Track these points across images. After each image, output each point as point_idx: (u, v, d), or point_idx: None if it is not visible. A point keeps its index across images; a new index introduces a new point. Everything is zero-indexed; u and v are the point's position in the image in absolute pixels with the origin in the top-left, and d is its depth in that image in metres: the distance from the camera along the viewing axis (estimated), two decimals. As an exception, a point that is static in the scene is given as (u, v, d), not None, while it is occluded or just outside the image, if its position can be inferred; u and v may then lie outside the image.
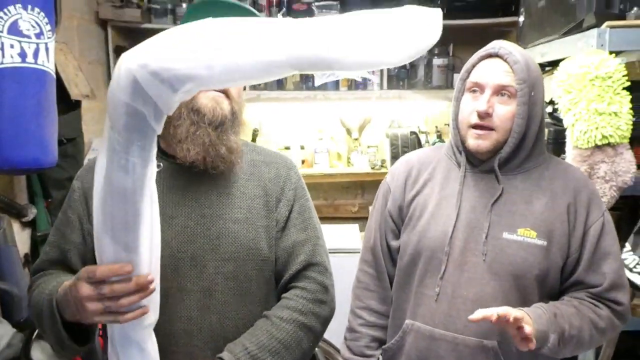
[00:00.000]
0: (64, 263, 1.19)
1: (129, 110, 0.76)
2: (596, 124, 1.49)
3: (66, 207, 1.23)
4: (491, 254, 1.24)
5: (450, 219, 1.28)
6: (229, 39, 0.73)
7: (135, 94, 0.73)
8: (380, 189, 1.47)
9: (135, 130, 0.79)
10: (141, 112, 0.76)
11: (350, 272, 1.53)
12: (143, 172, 0.84)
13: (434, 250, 1.29)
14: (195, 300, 1.15)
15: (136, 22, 2.93)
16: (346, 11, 2.51)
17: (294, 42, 0.70)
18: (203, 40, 0.72)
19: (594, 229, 1.25)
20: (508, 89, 1.24)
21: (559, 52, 1.78)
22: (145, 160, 0.83)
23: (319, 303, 1.21)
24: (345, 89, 3.19)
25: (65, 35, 2.57)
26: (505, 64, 1.25)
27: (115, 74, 0.78)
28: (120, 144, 0.80)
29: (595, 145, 1.51)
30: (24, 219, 2.26)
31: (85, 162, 1.28)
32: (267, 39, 0.71)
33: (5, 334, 1.79)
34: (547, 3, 1.90)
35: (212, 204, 1.18)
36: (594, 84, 1.48)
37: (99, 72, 3.00)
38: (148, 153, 0.84)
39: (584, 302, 1.24)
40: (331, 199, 3.60)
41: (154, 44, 0.74)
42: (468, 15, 3.02)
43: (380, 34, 0.69)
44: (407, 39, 0.70)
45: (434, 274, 1.29)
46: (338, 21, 0.71)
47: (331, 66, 0.71)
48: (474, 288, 1.25)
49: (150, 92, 0.73)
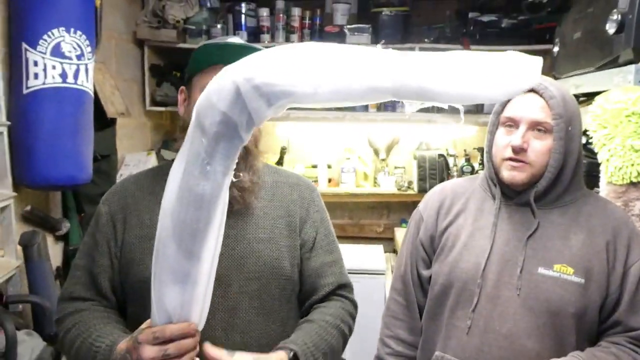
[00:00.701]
0: (94, 287, 1.20)
1: (224, 118, 0.80)
2: (632, 161, 1.46)
3: (94, 230, 1.23)
4: (526, 289, 1.22)
5: (484, 250, 1.27)
6: (339, 62, 0.77)
7: (235, 104, 0.78)
8: (413, 217, 1.47)
9: (224, 139, 0.82)
10: (234, 122, 0.80)
11: (372, 292, 1.53)
12: (223, 180, 0.86)
13: (466, 282, 1.27)
14: (219, 319, 1.16)
15: (172, 42, 3.00)
16: (378, 35, 2.54)
17: (401, 71, 0.75)
18: (310, 60, 0.76)
19: (635, 268, 1.21)
20: (544, 125, 1.23)
21: (594, 85, 1.76)
22: (226, 168, 0.86)
23: (352, 317, 1.30)
24: (374, 110, 3.20)
25: (104, 54, 2.65)
26: (541, 99, 1.23)
27: (215, 84, 0.82)
28: (207, 150, 0.83)
29: (630, 182, 1.48)
30: (57, 233, 2.32)
31: (113, 186, 1.29)
32: (376, 66, 0.75)
33: (37, 346, 1.83)
34: (583, 35, 1.88)
35: (236, 224, 1.19)
36: (630, 120, 1.46)
37: (134, 90, 3.08)
38: (230, 162, 0.87)
39: (624, 348, 1.20)
40: (356, 218, 3.60)
41: (259, 60, 0.78)
42: (500, 42, 2.99)
43: (483, 72, 0.74)
44: (507, 78, 0.75)
45: (466, 305, 1.27)
46: (442, 57, 0.77)
47: (434, 98, 0.75)
48: (508, 323, 1.22)
49: (249, 104, 0.77)
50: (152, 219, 1.17)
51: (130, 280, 1.18)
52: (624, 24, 1.54)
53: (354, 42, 3.07)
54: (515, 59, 0.77)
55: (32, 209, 2.12)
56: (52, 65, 1.94)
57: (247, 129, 0.83)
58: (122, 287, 1.21)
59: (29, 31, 1.91)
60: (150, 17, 2.99)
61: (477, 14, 3.02)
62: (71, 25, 1.96)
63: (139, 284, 1.15)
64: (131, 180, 1.28)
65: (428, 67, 0.74)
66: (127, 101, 2.77)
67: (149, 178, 1.26)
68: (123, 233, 1.20)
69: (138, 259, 1.17)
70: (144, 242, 1.17)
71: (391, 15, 3.04)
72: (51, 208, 2.33)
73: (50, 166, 1.98)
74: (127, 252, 1.19)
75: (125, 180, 1.29)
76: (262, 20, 3.14)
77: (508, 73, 0.75)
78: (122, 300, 1.22)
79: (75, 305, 1.19)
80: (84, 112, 2.06)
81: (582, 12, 1.92)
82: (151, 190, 1.22)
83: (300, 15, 3.12)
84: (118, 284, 1.20)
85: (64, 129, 1.99)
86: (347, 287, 1.32)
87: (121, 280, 1.20)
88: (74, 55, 1.99)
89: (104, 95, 2.47)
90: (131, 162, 2.90)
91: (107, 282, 1.20)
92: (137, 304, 1.17)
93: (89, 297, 1.19)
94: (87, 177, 2.13)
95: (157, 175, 1.26)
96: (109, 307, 1.21)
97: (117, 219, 1.21)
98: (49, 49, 1.93)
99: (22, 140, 1.95)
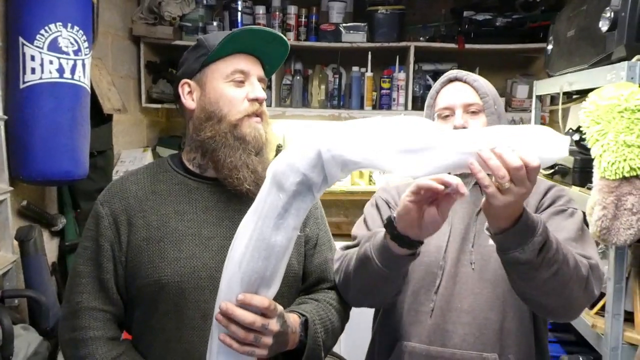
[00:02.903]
0: (103, 294, 1.16)
1: (304, 179, 0.91)
2: (624, 156, 1.48)
3: (95, 235, 1.17)
4: (479, 263, 1.25)
5: (444, 233, 1.27)
6: (400, 138, 0.89)
7: (315, 167, 0.90)
8: (372, 204, 1.43)
9: (300, 197, 0.92)
10: (312, 182, 0.91)
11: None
12: (293, 234, 0.96)
13: (429, 265, 1.28)
14: None
15: (168, 39, 3.00)
16: (373, 34, 2.55)
17: (461, 149, 0.89)
18: (376, 136, 0.89)
19: (551, 197, 1.29)
20: (475, 106, 1.31)
21: (587, 82, 1.78)
22: (297, 223, 0.95)
23: (348, 308, 1.30)
24: (369, 108, 3.22)
25: (100, 50, 2.65)
26: (466, 85, 1.33)
27: (299, 148, 0.92)
28: (285, 206, 0.92)
29: (622, 176, 1.50)
30: (53, 228, 2.32)
31: (110, 186, 1.24)
32: (447, 147, 0.89)
33: (33, 341, 1.83)
34: (576, 33, 1.90)
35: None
36: (623, 116, 1.48)
37: (130, 87, 3.08)
38: (301, 218, 0.95)
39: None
40: (352, 216, 3.61)
41: (341, 134, 0.91)
42: (495, 40, 3.03)
43: (522, 141, 0.89)
44: (543, 147, 0.89)
45: (430, 289, 1.27)
46: (490, 132, 0.92)
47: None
48: (468, 298, 1.24)
49: (327, 168, 0.90)
50: (159, 220, 1.15)
51: (139, 284, 1.14)
52: (617, 21, 1.56)
53: (350, 40, 3.10)
54: (547, 131, 0.90)
55: (28, 204, 2.12)
56: (49, 60, 1.94)
57: (320, 189, 0.93)
58: (127, 291, 1.17)
59: (26, 26, 1.91)
60: (146, 13, 2.99)
61: (471, 13, 3.05)
62: (68, 20, 1.97)
63: (147, 286, 1.13)
64: (130, 179, 1.22)
65: (482, 142, 0.89)
66: (123, 98, 2.77)
67: (149, 176, 1.22)
68: (128, 235, 1.15)
69: (146, 261, 1.13)
70: (151, 244, 1.14)
71: (386, 14, 3.06)
72: (47, 203, 2.33)
73: (47, 161, 1.98)
74: (133, 255, 1.14)
75: (124, 179, 1.23)
76: (258, 17, 3.16)
77: (543, 142, 0.90)
78: (126, 305, 1.19)
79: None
80: (80, 107, 2.06)
81: (575, 10, 1.94)
82: (153, 190, 1.19)
83: (297, 13, 3.13)
84: (123, 288, 1.17)
85: (60, 124, 1.99)
86: None
87: (127, 284, 1.16)
88: (71, 50, 1.99)
89: (100, 91, 2.47)
90: (127, 158, 2.91)
91: (113, 286, 1.16)
92: (146, 306, 1.15)
93: (98, 307, 1.15)
94: (84, 172, 2.13)
95: (156, 173, 1.23)
96: (118, 318, 1.18)
97: (120, 221, 1.16)
98: (46, 43, 1.93)
99: (19, 134, 1.95)
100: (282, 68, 3.31)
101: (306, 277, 1.29)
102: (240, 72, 1.17)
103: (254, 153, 1.16)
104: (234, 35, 1.14)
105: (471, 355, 1.22)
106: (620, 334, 1.61)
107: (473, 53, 3.11)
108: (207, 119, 1.16)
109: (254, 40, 1.17)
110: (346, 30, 3.08)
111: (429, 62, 3.26)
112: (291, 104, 3.24)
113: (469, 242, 1.27)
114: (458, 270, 1.26)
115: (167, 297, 1.12)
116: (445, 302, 1.25)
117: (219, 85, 1.16)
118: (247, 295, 0.95)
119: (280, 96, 3.25)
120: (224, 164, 1.15)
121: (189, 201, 1.18)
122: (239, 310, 0.95)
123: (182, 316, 1.12)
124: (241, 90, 1.17)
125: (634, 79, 1.50)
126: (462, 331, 1.23)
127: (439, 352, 1.24)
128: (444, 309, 1.25)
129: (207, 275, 1.13)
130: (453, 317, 1.24)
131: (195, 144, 1.20)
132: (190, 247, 1.14)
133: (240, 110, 1.16)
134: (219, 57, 1.17)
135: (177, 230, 1.15)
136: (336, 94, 3.26)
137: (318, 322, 1.14)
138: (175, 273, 1.12)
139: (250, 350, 0.97)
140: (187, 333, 1.12)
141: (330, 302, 1.24)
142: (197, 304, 1.12)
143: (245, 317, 0.95)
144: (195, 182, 1.21)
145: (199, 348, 1.10)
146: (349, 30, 3.08)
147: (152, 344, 1.16)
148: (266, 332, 0.98)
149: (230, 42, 1.15)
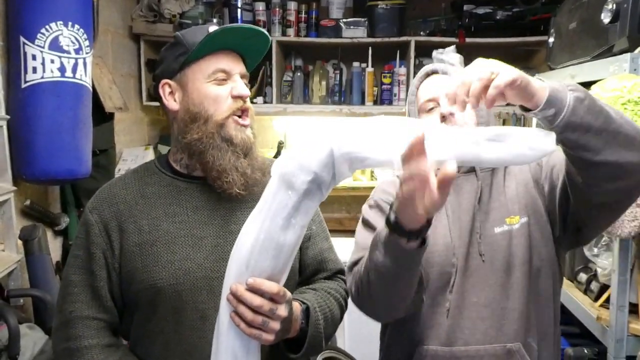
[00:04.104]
0: (97, 302, 1.14)
1: (315, 178, 0.91)
2: (628, 148, 1.48)
3: (86, 243, 1.15)
4: (489, 253, 1.23)
5: (445, 228, 1.26)
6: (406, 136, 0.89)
7: (326, 166, 0.90)
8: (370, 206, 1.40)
9: (310, 196, 0.93)
10: (322, 181, 0.91)
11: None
12: (301, 232, 0.96)
13: (442, 265, 1.24)
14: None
15: (168, 37, 2.99)
16: (374, 29, 2.55)
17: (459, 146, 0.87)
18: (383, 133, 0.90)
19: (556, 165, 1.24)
20: None
21: (590, 75, 1.78)
22: (306, 221, 0.96)
23: (347, 296, 1.29)
24: (370, 103, 3.22)
25: (101, 49, 2.65)
26: (444, 77, 1.33)
27: (308, 147, 0.92)
28: (294, 205, 0.92)
29: (626, 169, 1.50)
30: (56, 227, 2.32)
31: (98, 193, 1.22)
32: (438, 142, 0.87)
33: (39, 340, 1.83)
34: (578, 25, 1.90)
35: (238, 219, 1.17)
36: (626, 108, 1.48)
37: (131, 85, 3.08)
38: (310, 216, 0.96)
39: None
40: (354, 212, 3.61)
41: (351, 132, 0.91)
42: (495, 34, 3.03)
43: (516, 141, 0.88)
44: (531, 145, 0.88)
45: (444, 289, 1.24)
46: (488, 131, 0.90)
47: (481, 162, 0.89)
48: (483, 292, 1.22)
49: (337, 166, 0.90)
50: (150, 223, 1.14)
51: (134, 289, 1.13)
52: (619, 13, 1.56)
53: (350, 36, 3.09)
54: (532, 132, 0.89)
55: (31, 204, 2.13)
56: (50, 59, 1.93)
57: (329, 187, 0.94)
58: (122, 297, 1.16)
59: (27, 25, 1.91)
60: (146, 11, 2.98)
61: (472, 7, 3.04)
62: (69, 19, 1.96)
63: (144, 291, 1.12)
64: (118, 184, 1.21)
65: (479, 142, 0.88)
66: (124, 96, 2.77)
67: (137, 180, 1.21)
68: (120, 241, 1.14)
69: (140, 266, 1.12)
70: (144, 248, 1.13)
71: (387, 9, 3.05)
72: (50, 203, 2.33)
73: (50, 160, 1.98)
74: (127, 260, 1.13)
75: (112, 185, 1.22)
76: (258, 14, 3.15)
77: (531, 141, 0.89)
78: (123, 311, 1.19)
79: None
80: (82, 106, 2.06)
81: (577, 2, 1.94)
82: (142, 193, 1.18)
83: (297, 9, 3.13)
84: (118, 295, 1.16)
85: (62, 123, 1.99)
86: (342, 272, 1.35)
87: (122, 290, 1.16)
88: (72, 49, 1.98)
89: (101, 90, 2.47)
90: (129, 157, 2.91)
91: (107, 294, 1.15)
92: (143, 310, 1.15)
93: (92, 315, 1.14)
94: (87, 171, 2.13)
95: (143, 176, 1.22)
96: (112, 325, 1.17)
97: (111, 227, 1.15)
98: (47, 42, 1.92)
99: (21, 134, 1.95)
100: (283, 64, 3.31)
101: (303, 269, 1.29)
102: (222, 71, 1.16)
103: (243, 155, 1.16)
104: (214, 35, 1.13)
105: (495, 349, 1.20)
106: (625, 325, 1.62)
107: (474, 47, 3.10)
108: (192, 120, 1.15)
109: (234, 37, 1.16)
110: (346, 25, 3.08)
111: (430, 56, 3.23)
112: (292, 101, 3.24)
113: (476, 232, 1.25)
114: (469, 264, 1.24)
115: (164, 301, 1.11)
116: (461, 299, 1.22)
117: (201, 85, 1.15)
118: (257, 280, 0.95)
119: (281, 93, 3.24)
120: (213, 167, 1.14)
121: (179, 202, 1.18)
122: (248, 293, 0.96)
123: (181, 318, 1.12)
124: (224, 87, 1.16)
125: (636, 70, 1.50)
126: (482, 326, 1.20)
127: (462, 351, 1.21)
128: (460, 307, 1.22)
129: (203, 275, 1.13)
130: (471, 314, 1.21)
131: (182, 146, 1.18)
132: (184, 248, 1.14)
133: (225, 109, 1.15)
134: (198, 57, 1.15)
135: (169, 233, 1.14)
136: (337, 90, 3.26)
137: (319, 310, 1.15)
138: (171, 276, 1.11)
139: (257, 333, 0.97)
140: (186, 334, 1.12)
141: (329, 291, 1.25)
142: (194, 304, 1.12)
143: (253, 300, 0.95)
144: (183, 183, 1.20)
145: (198, 349, 1.10)
146: (349, 25, 3.08)
147: (151, 348, 1.15)
148: (274, 317, 0.98)
149: (210, 41, 1.13)
